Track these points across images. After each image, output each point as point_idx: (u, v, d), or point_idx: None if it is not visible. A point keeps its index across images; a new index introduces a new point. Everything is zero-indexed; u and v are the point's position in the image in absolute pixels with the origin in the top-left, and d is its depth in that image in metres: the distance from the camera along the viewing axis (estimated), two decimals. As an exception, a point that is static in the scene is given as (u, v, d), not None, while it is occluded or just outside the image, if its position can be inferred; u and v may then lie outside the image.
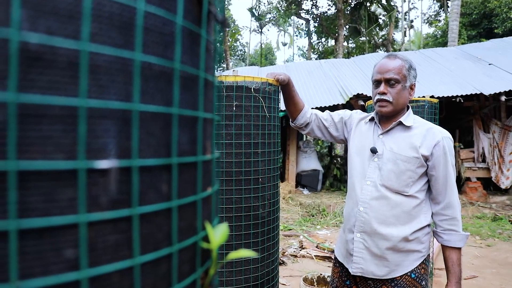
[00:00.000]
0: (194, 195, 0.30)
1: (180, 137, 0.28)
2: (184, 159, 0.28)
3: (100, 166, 0.23)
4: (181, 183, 0.29)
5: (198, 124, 0.31)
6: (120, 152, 0.24)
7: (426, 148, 1.29)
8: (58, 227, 0.21)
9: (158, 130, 0.27)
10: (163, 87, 0.27)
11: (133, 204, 0.24)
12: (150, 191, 0.26)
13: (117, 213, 0.24)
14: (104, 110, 0.23)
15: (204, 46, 0.31)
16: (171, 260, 0.28)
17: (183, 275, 0.29)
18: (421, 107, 2.33)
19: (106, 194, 0.23)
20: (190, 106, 0.30)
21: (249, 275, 1.42)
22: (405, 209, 1.30)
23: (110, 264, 0.23)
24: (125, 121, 0.24)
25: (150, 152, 0.26)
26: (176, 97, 0.27)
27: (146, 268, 0.26)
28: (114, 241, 0.24)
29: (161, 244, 0.27)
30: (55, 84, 0.22)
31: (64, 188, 0.22)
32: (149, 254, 0.26)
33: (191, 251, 0.30)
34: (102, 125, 0.23)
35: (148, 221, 0.26)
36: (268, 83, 1.49)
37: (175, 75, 0.27)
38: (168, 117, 0.27)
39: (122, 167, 0.24)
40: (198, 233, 0.31)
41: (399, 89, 1.31)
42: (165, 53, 0.27)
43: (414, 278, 1.32)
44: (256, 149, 1.43)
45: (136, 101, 0.24)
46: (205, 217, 0.33)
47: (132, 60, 0.24)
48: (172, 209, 0.27)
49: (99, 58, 0.23)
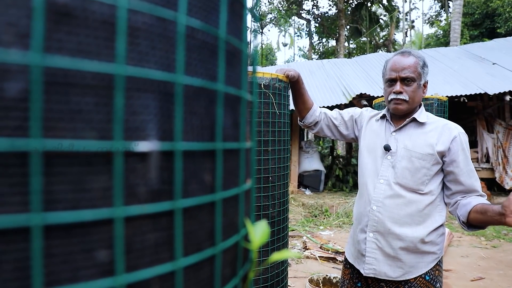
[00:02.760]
0: (237, 188, 0.26)
1: (224, 119, 0.24)
2: (228, 144, 0.24)
3: (139, 149, 0.19)
4: (225, 173, 0.25)
5: (241, 105, 0.26)
6: (161, 133, 0.20)
7: (443, 144, 1.25)
8: (89, 223, 0.17)
9: (201, 109, 0.23)
10: (206, 59, 0.23)
11: (176, 196, 0.20)
12: (193, 181, 0.22)
13: (158, 207, 0.20)
14: (143, 81, 0.19)
15: (245, 18, 0.27)
16: (213, 263, 0.24)
17: (225, 280, 0.25)
18: (430, 105, 2.29)
19: (146, 184, 0.19)
20: (233, 84, 0.26)
21: (259, 277, 1.38)
22: (419, 207, 1.26)
23: (150, 268, 0.19)
24: (166, 96, 0.20)
25: (193, 134, 0.22)
26: (222, 71, 0.23)
27: (188, 272, 0.22)
28: (154, 241, 0.20)
29: (203, 244, 0.23)
30: (87, 47, 0.18)
31: (96, 175, 0.18)
32: (192, 256, 0.22)
33: (233, 252, 0.26)
34: (141, 99, 0.19)
35: (190, 217, 0.22)
36: (278, 79, 1.45)
37: (220, 46, 0.23)
38: (213, 94, 0.23)
39: (163, 151, 0.20)
40: (240, 232, 0.27)
41: (415, 87, 1.27)
42: (209, 19, 0.23)
43: (429, 280, 1.27)
44: (266, 147, 1.39)
45: (180, 72, 0.20)
46: (246, 214, 0.29)
47: (174, 23, 0.20)
48: (215, 203, 0.23)
49: (138, 19, 0.19)
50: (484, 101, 7.12)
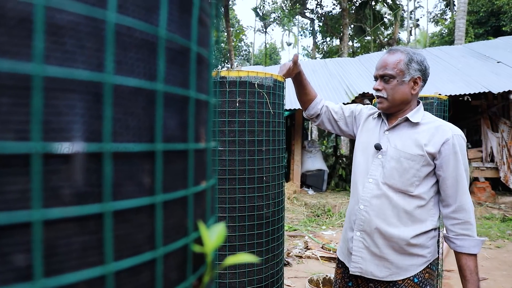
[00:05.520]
0: (185, 190, 0.26)
1: (166, 120, 0.24)
2: (171, 145, 0.24)
3: (61, 150, 0.18)
4: (168, 174, 0.24)
5: (189, 105, 0.26)
6: (88, 134, 0.19)
7: (433, 146, 1.22)
8: (4, 226, 0.17)
9: (139, 110, 0.22)
10: (146, 58, 0.23)
11: (105, 199, 0.20)
12: (129, 183, 0.22)
13: (85, 209, 0.19)
14: (68, 81, 0.19)
15: (196, 16, 0.27)
16: (155, 266, 0.23)
17: (170, 284, 0.25)
18: (430, 104, 2.27)
19: (70, 186, 0.19)
20: (179, 83, 0.25)
21: (253, 277, 1.38)
22: (408, 209, 1.23)
23: (75, 272, 0.19)
24: (97, 97, 0.20)
25: (129, 135, 0.21)
26: (162, 70, 0.23)
27: (122, 277, 0.21)
28: (81, 244, 0.19)
29: (142, 247, 0.22)
30: (3, 46, 0.17)
31: (14, 177, 0.17)
32: (126, 260, 0.21)
33: (181, 255, 0.26)
34: (66, 100, 0.19)
35: (126, 220, 0.21)
36: (273, 79, 1.44)
37: (159, 44, 0.23)
38: (152, 95, 0.23)
39: (91, 153, 0.20)
40: (189, 235, 0.26)
41: (394, 84, 1.25)
42: (148, 18, 0.23)
43: (417, 283, 1.26)
44: (260, 147, 1.39)
45: (109, 72, 0.20)
46: (199, 216, 0.29)
47: (104, 21, 0.20)
48: (156, 206, 0.23)
49: (63, 18, 0.19)
50: (489, 100, 7.05)
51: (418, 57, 1.27)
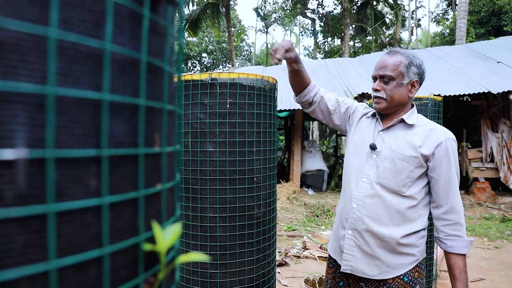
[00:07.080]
0: (135, 192, 0.27)
1: (114, 127, 0.25)
2: (118, 151, 0.26)
3: (3, 156, 0.20)
4: (117, 177, 0.26)
5: (139, 113, 0.28)
6: (32, 141, 0.21)
7: (427, 148, 1.24)
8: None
9: (85, 118, 0.24)
10: (92, 70, 0.24)
11: (48, 200, 0.22)
12: (74, 186, 0.23)
13: (27, 210, 0.21)
14: (9, 93, 0.20)
15: (147, 27, 0.28)
16: (101, 264, 0.25)
17: (120, 280, 0.26)
18: (424, 105, 2.28)
19: (12, 189, 0.20)
20: (129, 92, 0.27)
21: (244, 277, 1.39)
22: (399, 209, 1.25)
23: (17, 268, 0.20)
24: (40, 107, 0.22)
25: (74, 142, 0.23)
26: (107, 81, 0.25)
27: (67, 273, 0.23)
28: (24, 242, 0.21)
29: (88, 246, 0.24)
30: None
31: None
32: (71, 257, 0.23)
33: (131, 253, 0.27)
34: (8, 110, 0.20)
35: (71, 220, 0.23)
36: (264, 80, 1.46)
37: (105, 56, 0.25)
38: (98, 104, 0.24)
39: (35, 158, 0.21)
40: (141, 234, 0.28)
41: (394, 86, 1.27)
42: (94, 32, 0.24)
43: (407, 282, 1.27)
44: (251, 148, 1.40)
45: (51, 84, 0.22)
46: (153, 216, 0.30)
47: (46, 38, 0.22)
48: (102, 207, 0.25)
49: (4, 34, 0.20)
50: (489, 100, 7.04)
51: (417, 61, 1.30)
